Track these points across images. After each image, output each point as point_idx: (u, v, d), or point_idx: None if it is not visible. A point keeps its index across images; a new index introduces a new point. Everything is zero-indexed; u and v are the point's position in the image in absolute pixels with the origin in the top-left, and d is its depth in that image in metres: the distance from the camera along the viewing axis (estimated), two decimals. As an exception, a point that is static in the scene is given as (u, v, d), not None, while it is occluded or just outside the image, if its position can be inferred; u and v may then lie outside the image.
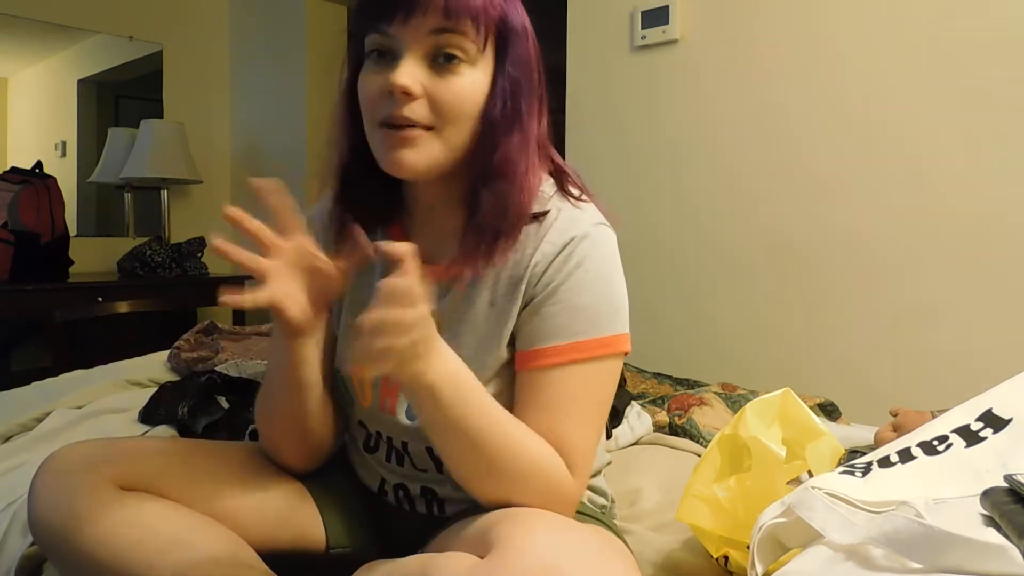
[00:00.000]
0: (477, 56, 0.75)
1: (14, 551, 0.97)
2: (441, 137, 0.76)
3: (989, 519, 0.59)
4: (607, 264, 0.80)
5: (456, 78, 0.75)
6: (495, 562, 0.60)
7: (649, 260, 2.15)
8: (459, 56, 0.74)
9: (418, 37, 0.73)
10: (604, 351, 0.78)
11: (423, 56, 0.74)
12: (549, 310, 0.78)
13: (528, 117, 0.79)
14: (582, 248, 0.78)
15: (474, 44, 0.75)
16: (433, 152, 0.76)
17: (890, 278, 1.76)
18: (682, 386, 1.78)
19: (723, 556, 0.89)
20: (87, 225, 3.25)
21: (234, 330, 1.96)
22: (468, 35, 0.74)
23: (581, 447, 0.77)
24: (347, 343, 0.88)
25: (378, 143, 0.77)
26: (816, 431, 0.93)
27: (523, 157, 0.79)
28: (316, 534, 0.88)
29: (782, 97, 1.92)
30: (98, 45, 3.21)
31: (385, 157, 0.76)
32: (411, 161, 0.75)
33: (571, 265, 0.78)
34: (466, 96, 0.75)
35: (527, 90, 0.79)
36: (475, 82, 0.76)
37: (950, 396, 0.91)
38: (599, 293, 0.78)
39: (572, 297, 0.77)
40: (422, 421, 0.74)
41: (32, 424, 1.37)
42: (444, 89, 0.74)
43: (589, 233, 0.79)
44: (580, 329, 0.77)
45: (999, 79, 1.60)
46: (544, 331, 0.78)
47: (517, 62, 0.78)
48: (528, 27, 0.81)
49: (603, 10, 2.27)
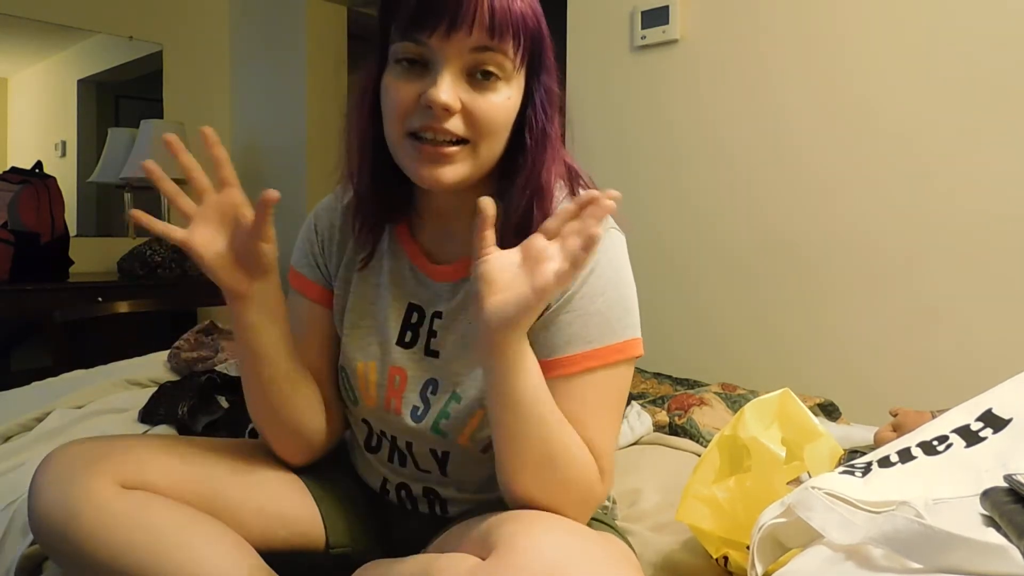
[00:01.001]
0: (513, 73, 0.75)
1: (14, 551, 0.97)
2: (475, 152, 0.75)
3: (989, 519, 0.59)
4: (618, 268, 0.80)
5: (493, 94, 0.74)
6: (497, 563, 0.60)
7: (649, 260, 2.15)
8: (497, 74, 0.74)
9: (459, 52, 0.72)
10: (618, 357, 0.78)
11: (461, 70, 0.73)
12: (564, 318, 0.77)
13: (552, 126, 0.80)
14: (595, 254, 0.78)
15: (512, 62, 0.74)
16: (466, 167, 0.76)
17: (890, 278, 1.76)
18: (682, 386, 1.78)
19: (723, 557, 0.89)
20: (87, 225, 3.25)
21: (234, 330, 1.96)
22: (508, 54, 0.73)
23: (606, 452, 0.77)
24: (351, 342, 0.88)
25: (408, 154, 0.76)
26: (814, 432, 0.93)
27: (549, 166, 0.79)
28: (316, 533, 0.88)
29: (782, 97, 1.92)
30: (98, 45, 3.21)
31: (418, 170, 0.75)
32: (448, 178, 0.75)
33: (585, 272, 0.78)
34: (502, 112, 0.75)
35: (552, 102, 0.80)
36: (510, 97, 0.76)
37: (950, 396, 0.91)
38: (611, 299, 0.78)
39: (586, 304, 0.77)
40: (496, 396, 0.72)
41: (32, 424, 1.38)
42: (482, 104, 0.73)
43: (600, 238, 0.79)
44: (594, 336, 0.77)
45: (1001, 78, 1.60)
46: (560, 340, 0.77)
47: (548, 71, 0.79)
48: (548, 33, 0.80)
49: (603, 10, 2.27)
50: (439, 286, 0.85)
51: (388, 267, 0.88)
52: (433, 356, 0.84)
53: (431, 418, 0.83)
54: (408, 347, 0.86)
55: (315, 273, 0.92)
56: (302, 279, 0.92)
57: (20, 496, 1.02)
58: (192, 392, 1.35)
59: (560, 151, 0.82)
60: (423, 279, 0.86)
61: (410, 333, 0.86)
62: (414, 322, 0.86)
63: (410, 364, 0.85)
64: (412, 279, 0.86)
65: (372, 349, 0.87)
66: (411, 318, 0.86)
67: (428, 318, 0.85)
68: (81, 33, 3.15)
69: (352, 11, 3.39)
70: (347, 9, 3.36)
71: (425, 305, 0.86)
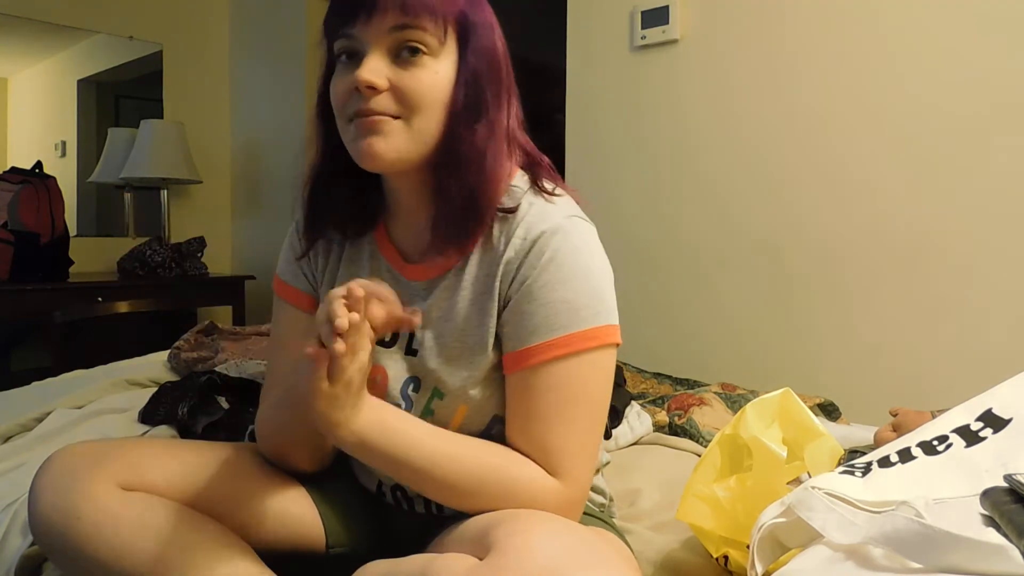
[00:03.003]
0: (439, 48, 0.77)
1: (14, 551, 0.97)
2: (409, 126, 0.77)
3: (989, 519, 0.59)
4: (581, 256, 0.79)
5: (419, 69, 0.76)
6: (494, 563, 0.60)
7: (649, 259, 2.15)
8: (421, 48, 0.76)
9: (379, 35, 0.76)
10: (588, 344, 0.77)
11: (386, 52, 0.76)
12: (526, 308, 0.77)
13: (495, 109, 0.80)
14: (554, 242, 0.78)
15: (434, 37, 0.76)
16: (402, 141, 0.77)
17: (891, 278, 1.76)
18: (682, 386, 1.78)
19: (723, 556, 0.89)
20: (87, 225, 3.25)
21: (234, 330, 1.96)
22: (427, 29, 0.76)
23: (567, 449, 0.76)
24: None
25: (350, 138, 0.78)
26: (815, 432, 0.93)
27: (489, 147, 0.79)
28: (316, 534, 0.88)
29: (782, 96, 1.92)
30: (98, 45, 3.21)
31: (356, 147, 0.78)
32: (381, 149, 0.76)
33: (543, 261, 0.77)
34: (429, 84, 0.76)
35: (492, 81, 0.80)
36: (438, 72, 0.77)
37: (950, 396, 0.91)
38: (575, 287, 0.77)
39: (547, 293, 0.77)
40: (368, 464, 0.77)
41: (32, 424, 1.37)
42: (408, 79, 0.76)
43: (561, 226, 0.78)
44: (559, 324, 0.76)
45: (995, 78, 1.60)
46: (524, 331, 0.77)
47: (480, 53, 0.79)
48: (494, 24, 0.82)
49: (603, 10, 2.27)
50: (414, 285, 0.85)
51: (368, 270, 0.89)
52: (412, 355, 0.85)
53: (416, 415, 0.84)
54: (388, 346, 0.86)
55: (300, 280, 0.93)
56: (287, 287, 0.94)
57: (20, 496, 1.02)
58: (192, 392, 1.35)
59: (511, 138, 0.82)
60: (399, 279, 0.86)
61: (389, 332, 0.86)
62: None
63: (390, 363, 0.86)
64: (390, 280, 0.87)
65: None
66: None
67: None
68: (81, 33, 3.15)
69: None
70: (347, 9, 3.36)
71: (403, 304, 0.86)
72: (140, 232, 3.34)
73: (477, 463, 0.76)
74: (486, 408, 0.82)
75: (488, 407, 0.82)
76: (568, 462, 0.76)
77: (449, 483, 0.75)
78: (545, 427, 0.76)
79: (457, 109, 0.78)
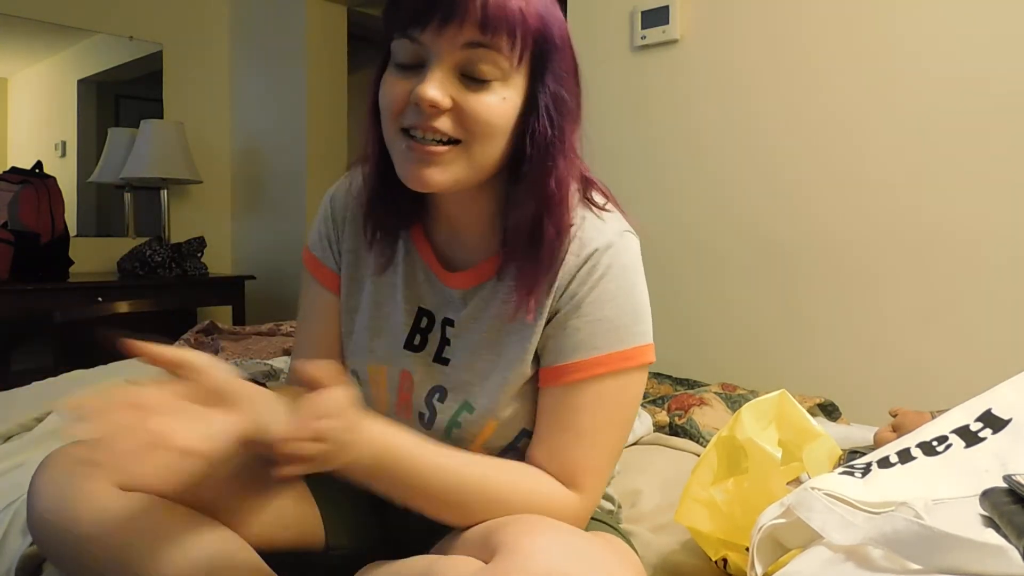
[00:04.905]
0: (510, 72, 0.72)
1: (14, 551, 0.97)
2: (468, 153, 0.72)
3: (988, 519, 0.59)
4: (630, 274, 0.79)
5: (487, 94, 0.71)
6: (500, 567, 0.60)
7: (649, 260, 2.14)
8: (491, 75, 0.71)
9: (451, 48, 0.70)
10: (626, 364, 0.77)
11: (453, 68, 0.70)
12: (573, 323, 0.76)
13: (570, 134, 0.77)
14: (606, 259, 0.77)
15: (508, 60, 0.71)
16: (458, 169, 0.73)
17: (890, 278, 1.76)
18: (682, 386, 1.78)
19: (722, 559, 0.89)
20: (87, 225, 3.25)
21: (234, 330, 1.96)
22: (503, 51, 0.70)
23: (590, 467, 0.76)
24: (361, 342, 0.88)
25: (399, 153, 0.74)
26: (813, 432, 0.93)
27: (570, 176, 0.77)
28: (316, 534, 0.88)
29: (783, 96, 1.92)
30: (98, 45, 3.21)
31: (406, 170, 0.73)
32: (436, 179, 0.72)
33: (595, 277, 0.77)
34: (497, 113, 0.72)
35: (571, 108, 0.77)
36: (506, 99, 0.72)
37: (950, 396, 0.91)
38: (621, 304, 0.77)
39: (595, 310, 0.76)
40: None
41: (32, 424, 1.37)
42: (475, 103, 0.71)
43: (613, 243, 0.78)
44: (602, 343, 0.76)
45: (997, 81, 1.60)
46: (567, 346, 0.76)
47: (559, 77, 0.75)
48: (568, 39, 0.77)
49: (603, 10, 2.27)
50: (451, 292, 0.84)
51: (403, 268, 0.86)
52: (443, 363, 0.83)
53: (440, 426, 0.83)
54: (416, 351, 0.85)
55: (328, 258, 0.91)
56: (317, 264, 0.91)
57: (20, 496, 1.01)
58: (192, 392, 1.35)
59: (575, 161, 0.79)
60: (435, 283, 0.85)
61: (419, 337, 0.85)
62: (423, 327, 0.85)
63: (417, 369, 0.85)
64: (425, 282, 0.85)
65: (382, 352, 0.86)
66: (420, 322, 0.85)
67: (439, 324, 0.84)
68: (81, 33, 3.15)
69: (352, 11, 3.39)
70: (347, 9, 3.36)
71: (435, 310, 0.85)
72: (140, 232, 3.34)
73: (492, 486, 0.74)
74: (515, 423, 0.81)
75: (517, 422, 0.81)
76: (588, 479, 0.76)
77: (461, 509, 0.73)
78: (572, 443, 0.76)
79: (544, 140, 0.73)
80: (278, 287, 3.29)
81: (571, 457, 0.76)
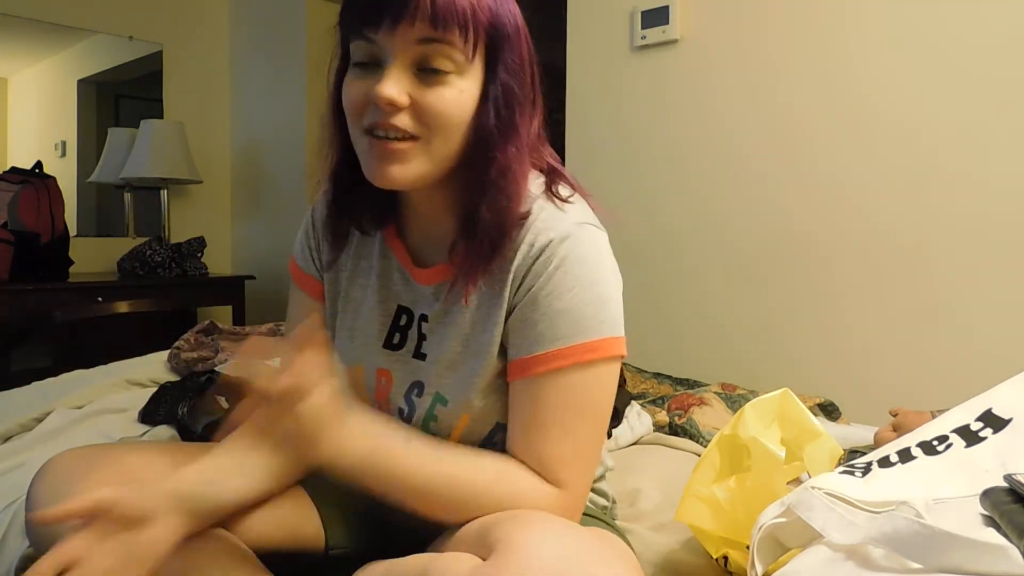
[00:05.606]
0: (465, 65, 0.73)
1: (14, 551, 0.97)
2: (428, 148, 0.73)
3: (989, 519, 0.59)
4: (589, 265, 0.77)
5: (444, 88, 0.72)
6: (497, 563, 0.60)
7: (649, 259, 2.15)
8: (446, 67, 0.72)
9: (404, 46, 0.71)
10: (591, 356, 0.75)
11: (409, 64, 0.72)
12: (531, 317, 0.76)
13: (522, 124, 0.77)
14: (561, 250, 0.76)
15: (462, 54, 0.72)
16: (420, 164, 0.74)
17: (891, 278, 1.76)
18: (682, 386, 1.78)
19: (723, 556, 0.89)
20: (87, 225, 3.25)
21: (234, 330, 1.96)
22: (456, 45, 0.71)
23: (566, 459, 0.75)
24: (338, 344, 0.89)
25: (364, 152, 0.75)
26: (814, 432, 0.93)
27: (519, 166, 0.77)
28: (315, 534, 0.88)
29: (783, 96, 1.92)
30: (98, 45, 3.21)
31: (371, 168, 0.75)
32: (398, 175, 0.73)
33: (550, 268, 0.75)
34: (454, 106, 0.73)
35: (521, 96, 0.77)
36: (463, 91, 0.73)
37: (950, 396, 0.91)
38: (581, 296, 0.75)
39: (553, 302, 0.75)
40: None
41: (32, 424, 1.38)
42: (432, 99, 0.72)
43: (570, 233, 0.76)
44: (562, 334, 0.75)
45: (1008, 77, 1.60)
46: (528, 340, 0.76)
47: (510, 68, 0.75)
48: (521, 26, 0.78)
49: (603, 10, 2.27)
50: (423, 288, 0.84)
51: (378, 268, 0.87)
52: (421, 359, 0.84)
53: (418, 421, 0.83)
54: (395, 349, 0.86)
55: (310, 267, 0.93)
56: (301, 273, 0.94)
57: (20, 497, 1.01)
58: (192, 393, 1.35)
59: (534, 150, 0.80)
60: (409, 281, 0.86)
61: (398, 335, 0.86)
62: (403, 324, 0.86)
63: (395, 366, 0.85)
64: (400, 280, 0.86)
65: (359, 352, 0.87)
66: (400, 320, 0.86)
67: (416, 321, 0.85)
68: (81, 33, 3.15)
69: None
70: (347, 9, 3.36)
71: (413, 307, 0.85)
72: (140, 232, 3.34)
73: (474, 481, 0.74)
74: (489, 416, 0.82)
75: (491, 415, 0.82)
76: (565, 472, 0.75)
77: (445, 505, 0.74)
78: (545, 436, 0.75)
79: (487, 131, 0.74)
80: (278, 287, 3.28)
81: (544, 451, 0.75)
